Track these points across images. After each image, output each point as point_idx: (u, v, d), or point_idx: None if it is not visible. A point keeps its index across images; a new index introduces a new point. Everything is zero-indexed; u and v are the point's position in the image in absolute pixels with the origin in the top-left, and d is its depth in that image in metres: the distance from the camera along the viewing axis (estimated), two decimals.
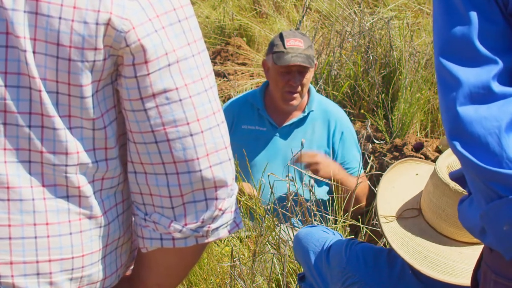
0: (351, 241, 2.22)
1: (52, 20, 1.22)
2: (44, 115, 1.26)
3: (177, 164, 1.30)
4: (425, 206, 2.06)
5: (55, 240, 1.30)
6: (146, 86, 1.27)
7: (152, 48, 1.26)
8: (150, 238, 1.36)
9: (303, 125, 3.74)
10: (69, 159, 1.29)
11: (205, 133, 1.31)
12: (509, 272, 1.35)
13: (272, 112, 3.74)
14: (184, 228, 1.33)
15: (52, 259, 1.30)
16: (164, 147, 1.29)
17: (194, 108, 1.30)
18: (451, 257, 1.98)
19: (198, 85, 1.31)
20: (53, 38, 1.23)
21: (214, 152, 1.32)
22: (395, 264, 2.09)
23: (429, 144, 4.32)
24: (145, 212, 1.35)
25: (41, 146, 1.27)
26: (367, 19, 5.35)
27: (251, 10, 7.16)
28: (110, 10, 1.23)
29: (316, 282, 2.30)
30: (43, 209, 1.29)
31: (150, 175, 1.32)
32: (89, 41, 1.24)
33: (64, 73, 1.24)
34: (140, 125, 1.29)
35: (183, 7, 1.31)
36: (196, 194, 1.32)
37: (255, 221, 3.21)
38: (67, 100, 1.26)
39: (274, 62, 3.56)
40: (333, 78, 5.00)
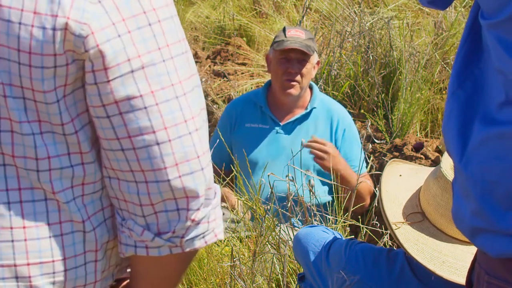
0: (351, 241, 2.22)
1: (13, 25, 1.20)
2: (12, 120, 1.24)
3: (145, 172, 1.26)
4: (431, 209, 2.05)
5: (33, 244, 1.28)
6: (107, 93, 1.23)
7: (112, 54, 1.22)
8: (126, 244, 1.33)
9: (306, 122, 3.75)
10: (40, 165, 1.26)
11: (173, 142, 1.26)
12: (502, 272, 1.35)
13: (275, 110, 3.77)
14: (156, 237, 1.30)
15: (30, 262, 1.28)
16: (131, 155, 1.26)
17: (161, 116, 1.25)
18: (467, 259, 1.97)
19: (168, 91, 1.26)
20: (14, 43, 1.21)
21: (184, 161, 1.27)
22: (395, 264, 2.09)
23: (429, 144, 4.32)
24: (122, 217, 1.32)
25: (12, 150, 1.25)
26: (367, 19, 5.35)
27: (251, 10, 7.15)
28: (68, 15, 1.20)
29: (316, 282, 2.30)
30: (20, 212, 1.27)
31: (122, 181, 1.29)
32: (48, 47, 1.21)
33: (27, 79, 1.22)
34: (105, 132, 1.26)
35: (156, 10, 1.26)
36: (168, 203, 1.28)
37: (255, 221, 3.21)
38: (34, 105, 1.24)
39: (275, 50, 3.63)
40: (333, 78, 5.00)
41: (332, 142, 3.75)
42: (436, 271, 1.96)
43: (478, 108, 1.39)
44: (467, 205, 1.41)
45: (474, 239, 1.40)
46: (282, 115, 3.77)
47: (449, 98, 1.46)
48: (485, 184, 1.36)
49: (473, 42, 1.44)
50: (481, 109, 1.38)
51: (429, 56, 4.98)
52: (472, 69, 1.43)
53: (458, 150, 1.41)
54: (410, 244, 2.01)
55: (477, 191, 1.37)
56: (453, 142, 1.42)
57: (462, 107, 1.42)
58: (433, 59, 5.03)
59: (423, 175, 2.16)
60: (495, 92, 1.36)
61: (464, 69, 1.44)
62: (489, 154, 1.35)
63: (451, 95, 1.45)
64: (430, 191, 2.04)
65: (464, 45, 1.46)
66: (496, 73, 1.36)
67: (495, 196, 1.35)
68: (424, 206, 2.08)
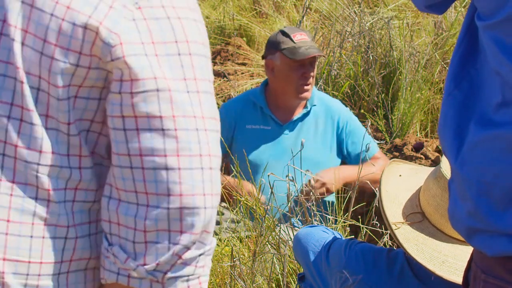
0: (351, 241, 2.22)
1: (44, 15, 1.21)
2: (24, 108, 1.24)
3: (149, 195, 1.24)
4: (430, 210, 2.04)
5: (13, 239, 1.25)
6: (128, 105, 1.23)
7: (138, 68, 1.21)
8: (109, 270, 1.29)
9: (307, 121, 3.76)
10: (42, 158, 1.26)
11: (182, 171, 1.23)
12: (498, 271, 1.35)
13: (275, 110, 3.76)
14: (139, 267, 1.26)
15: (6, 258, 1.25)
16: (138, 175, 1.24)
17: (176, 142, 1.23)
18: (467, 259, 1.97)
19: (189, 121, 1.24)
20: (41, 33, 1.22)
21: (189, 195, 1.24)
22: (395, 264, 2.09)
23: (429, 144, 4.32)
24: (109, 242, 1.29)
25: (17, 139, 1.25)
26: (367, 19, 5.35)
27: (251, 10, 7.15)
28: (101, 21, 1.22)
29: (316, 282, 2.30)
30: (7, 205, 1.25)
31: (123, 203, 1.26)
32: (75, 44, 1.22)
33: (46, 71, 1.23)
34: (118, 145, 1.25)
35: (189, 43, 1.25)
36: (160, 234, 1.25)
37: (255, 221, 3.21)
38: (47, 99, 1.25)
39: (287, 58, 3.57)
40: (333, 78, 5.00)
41: (335, 139, 3.79)
42: (436, 271, 1.96)
43: (474, 109, 1.40)
44: (463, 206, 1.41)
45: (470, 239, 1.40)
46: (283, 115, 3.76)
47: (445, 99, 1.46)
48: (480, 185, 1.36)
49: (469, 43, 1.44)
50: (478, 110, 1.38)
51: (429, 56, 4.98)
52: (469, 69, 1.43)
53: (454, 151, 1.41)
54: (410, 244, 2.01)
55: (473, 191, 1.37)
56: (449, 143, 1.42)
57: (458, 108, 1.43)
58: (433, 59, 5.03)
59: (423, 175, 2.16)
60: (492, 93, 1.36)
61: (461, 70, 1.44)
62: (485, 156, 1.35)
63: (447, 96, 1.45)
64: (430, 191, 2.04)
65: (460, 46, 1.46)
66: (492, 74, 1.36)
67: (490, 197, 1.35)
68: (424, 206, 2.08)
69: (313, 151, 3.67)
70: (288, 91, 3.67)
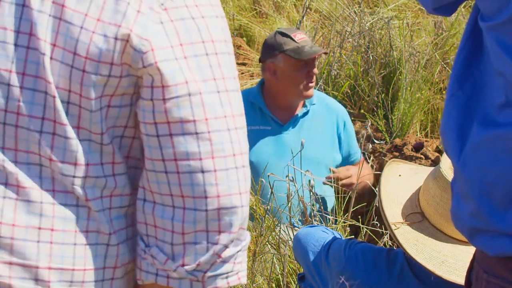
0: (351, 241, 2.22)
1: (73, 28, 1.20)
2: (57, 122, 1.23)
3: (185, 198, 1.24)
4: (430, 210, 2.04)
5: (58, 248, 1.26)
6: (161, 111, 1.23)
7: (170, 74, 1.21)
8: (147, 271, 1.30)
9: (306, 119, 3.76)
10: (77, 170, 1.25)
11: (218, 172, 1.24)
12: (500, 271, 1.36)
13: (274, 110, 3.74)
14: (179, 268, 1.27)
15: (52, 266, 1.25)
16: (174, 179, 1.24)
17: (210, 144, 1.23)
18: (467, 259, 1.97)
19: (220, 122, 1.24)
20: (71, 46, 1.20)
21: (226, 195, 1.25)
22: (395, 264, 2.09)
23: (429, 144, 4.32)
24: (146, 243, 1.29)
25: (50, 153, 1.24)
26: (367, 19, 5.35)
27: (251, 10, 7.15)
28: (131, 28, 1.20)
29: (316, 282, 2.30)
30: (51, 214, 1.25)
31: (158, 205, 1.27)
32: (106, 55, 1.21)
33: (77, 84, 1.22)
34: (152, 151, 1.25)
35: (214, 42, 1.26)
36: (198, 235, 1.26)
37: (255, 221, 3.21)
38: (78, 111, 1.23)
39: (292, 58, 3.54)
40: (333, 78, 5.00)
41: (334, 137, 3.80)
42: (435, 271, 1.96)
43: (477, 109, 1.40)
44: (465, 206, 1.41)
45: (472, 239, 1.40)
46: (282, 115, 3.75)
47: (448, 99, 1.46)
48: (482, 185, 1.36)
49: (473, 44, 1.44)
50: (480, 111, 1.39)
51: (429, 56, 4.98)
52: (472, 71, 1.43)
53: (457, 151, 1.41)
54: (410, 244, 2.01)
55: (475, 192, 1.38)
56: (451, 143, 1.42)
57: (461, 109, 1.43)
58: (433, 59, 5.03)
59: (422, 175, 2.16)
60: (495, 94, 1.36)
61: (464, 71, 1.44)
62: (487, 156, 1.35)
63: (451, 97, 1.45)
64: (430, 191, 2.04)
65: (464, 47, 1.46)
66: (496, 75, 1.36)
67: (492, 197, 1.35)
68: (424, 206, 2.08)
69: (314, 150, 3.67)
70: (292, 92, 3.64)
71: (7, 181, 1.23)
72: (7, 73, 1.21)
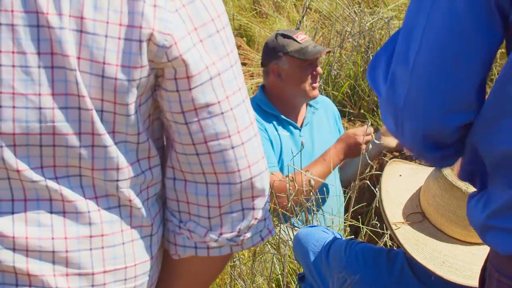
0: (351, 241, 2.22)
1: (98, 38, 1.18)
2: (95, 134, 1.23)
3: (218, 175, 1.28)
4: (431, 210, 2.05)
5: (109, 251, 1.28)
6: (188, 100, 1.24)
7: (194, 63, 1.22)
8: (184, 246, 1.34)
9: (313, 118, 3.76)
10: (120, 174, 1.26)
11: (245, 144, 1.29)
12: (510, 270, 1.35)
13: (286, 114, 3.70)
14: (220, 237, 1.32)
15: (106, 270, 1.28)
16: (206, 159, 1.27)
17: (235, 120, 1.27)
18: (467, 259, 1.98)
19: (237, 96, 1.28)
20: (99, 56, 1.19)
21: (255, 163, 1.30)
22: (395, 264, 2.09)
23: None
24: (179, 219, 1.33)
25: (91, 164, 1.24)
26: (367, 19, 5.35)
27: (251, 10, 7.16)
28: (153, 26, 1.19)
29: (316, 282, 2.30)
30: (99, 220, 1.26)
31: (190, 182, 1.30)
32: (135, 59, 1.20)
33: (110, 92, 1.21)
34: (182, 137, 1.27)
35: (220, 16, 1.27)
36: (234, 205, 1.30)
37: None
38: (112, 118, 1.23)
39: (296, 59, 3.53)
40: (333, 78, 5.00)
41: (337, 129, 3.85)
42: (436, 271, 1.96)
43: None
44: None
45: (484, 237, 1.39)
46: (294, 118, 3.73)
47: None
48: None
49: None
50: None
51: None
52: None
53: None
54: (410, 244, 2.01)
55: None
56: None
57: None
58: None
59: (423, 175, 2.16)
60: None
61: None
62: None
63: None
64: (430, 191, 2.04)
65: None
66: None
67: None
68: (424, 206, 2.08)
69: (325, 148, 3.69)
70: (297, 92, 3.62)
71: (52, 198, 1.24)
72: (36, 97, 1.19)
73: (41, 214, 1.24)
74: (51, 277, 1.25)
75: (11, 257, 1.23)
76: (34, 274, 1.24)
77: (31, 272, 1.24)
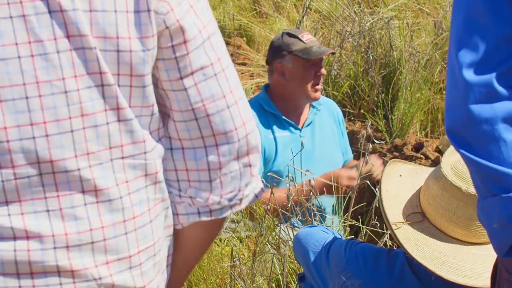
0: (351, 241, 2.22)
1: (108, 14, 1.21)
2: (120, 109, 1.25)
3: (216, 136, 1.32)
4: (431, 210, 2.04)
5: (141, 231, 1.31)
6: (186, 65, 1.28)
7: (189, 28, 1.27)
8: (187, 214, 1.37)
9: (316, 119, 3.76)
10: (147, 146, 1.30)
11: (238, 103, 1.34)
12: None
13: (287, 114, 3.70)
14: (221, 198, 1.35)
15: (140, 249, 1.31)
16: (204, 123, 1.31)
17: (227, 80, 1.32)
18: (468, 259, 1.98)
19: (226, 58, 1.33)
20: (111, 32, 1.22)
21: (248, 121, 1.35)
22: (395, 264, 2.09)
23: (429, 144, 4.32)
24: (178, 188, 1.36)
25: (120, 140, 1.27)
26: (367, 19, 5.35)
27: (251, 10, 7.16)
28: None
29: (316, 282, 2.30)
30: (130, 204, 1.29)
31: (188, 149, 1.33)
32: (146, 29, 1.23)
33: (126, 65, 1.24)
34: (180, 104, 1.30)
35: None
36: (232, 164, 1.34)
37: (255, 221, 3.21)
38: (129, 92, 1.26)
39: (300, 58, 3.53)
40: (333, 78, 5.01)
41: (339, 132, 3.84)
42: (436, 271, 1.96)
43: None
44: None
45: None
46: (296, 118, 3.72)
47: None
48: None
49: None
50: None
51: (429, 56, 4.98)
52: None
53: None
54: (410, 244, 2.01)
55: None
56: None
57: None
58: (433, 59, 5.04)
59: (423, 175, 2.16)
60: None
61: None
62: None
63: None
64: (430, 191, 2.04)
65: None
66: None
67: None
68: (424, 206, 2.08)
69: (327, 150, 3.69)
70: (301, 93, 3.61)
71: (84, 189, 1.26)
72: (60, 81, 1.21)
73: (76, 207, 1.25)
74: (93, 268, 1.27)
75: (53, 256, 1.25)
76: (77, 269, 1.26)
77: (74, 268, 1.26)
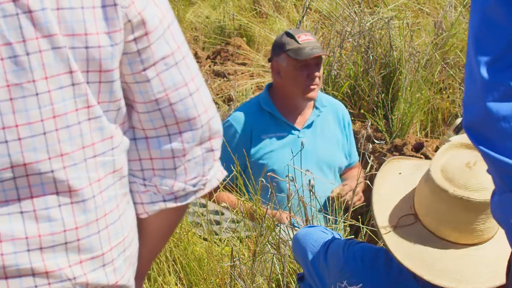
0: (349, 241, 2.22)
1: (75, 11, 1.21)
2: (90, 107, 1.26)
3: (180, 124, 1.33)
4: (422, 211, 2.02)
5: (112, 228, 1.32)
6: (148, 57, 1.29)
7: (151, 20, 1.27)
8: (152, 202, 1.38)
9: (318, 120, 3.75)
10: (114, 141, 1.31)
11: (200, 90, 1.35)
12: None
13: (286, 114, 3.70)
14: (186, 185, 1.36)
15: (112, 246, 1.32)
16: (167, 112, 1.31)
17: (188, 68, 1.33)
18: (458, 262, 1.95)
19: (185, 46, 1.34)
20: (80, 29, 1.22)
21: (209, 106, 1.36)
22: (393, 264, 2.09)
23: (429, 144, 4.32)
24: (143, 177, 1.37)
25: (91, 138, 1.27)
26: (367, 19, 5.35)
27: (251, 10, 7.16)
28: None
29: (314, 283, 2.30)
30: (101, 202, 1.30)
31: (151, 139, 1.34)
32: (113, 23, 1.24)
33: (95, 62, 1.24)
34: (143, 95, 1.31)
35: None
36: (195, 150, 1.35)
37: (255, 221, 3.21)
38: (97, 88, 1.26)
39: (291, 58, 3.55)
40: (333, 78, 5.01)
41: (343, 135, 3.83)
42: (423, 276, 1.92)
43: None
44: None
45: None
46: (295, 119, 3.72)
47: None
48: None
49: None
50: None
51: (429, 56, 4.98)
52: None
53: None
54: (397, 248, 1.98)
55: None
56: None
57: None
58: (433, 59, 5.03)
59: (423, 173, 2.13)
60: None
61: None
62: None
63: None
64: (422, 193, 2.02)
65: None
66: None
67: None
68: (417, 208, 2.05)
69: (329, 152, 3.69)
70: (295, 92, 3.63)
71: (58, 190, 1.26)
72: (31, 84, 1.20)
73: (50, 209, 1.25)
74: (67, 268, 1.27)
75: (27, 258, 1.24)
76: (51, 270, 1.26)
77: (48, 269, 1.26)
